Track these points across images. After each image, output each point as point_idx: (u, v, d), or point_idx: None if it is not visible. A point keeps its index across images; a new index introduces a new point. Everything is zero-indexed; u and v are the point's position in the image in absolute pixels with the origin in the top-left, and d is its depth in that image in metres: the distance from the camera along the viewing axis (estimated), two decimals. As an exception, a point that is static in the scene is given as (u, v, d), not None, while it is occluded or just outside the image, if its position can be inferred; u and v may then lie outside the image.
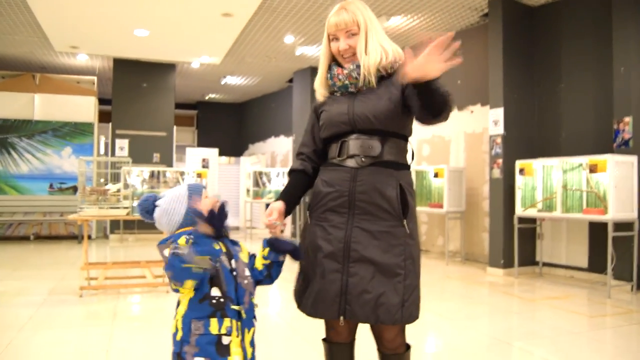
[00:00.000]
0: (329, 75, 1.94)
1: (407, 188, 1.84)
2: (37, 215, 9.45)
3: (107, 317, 4.17)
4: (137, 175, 9.95)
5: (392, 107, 1.83)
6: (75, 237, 9.58)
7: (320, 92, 1.97)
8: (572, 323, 4.20)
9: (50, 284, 5.42)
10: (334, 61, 1.96)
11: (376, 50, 1.85)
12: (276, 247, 1.77)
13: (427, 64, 1.58)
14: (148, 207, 1.77)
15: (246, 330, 1.66)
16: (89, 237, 9.55)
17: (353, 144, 1.85)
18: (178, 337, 1.63)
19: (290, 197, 1.94)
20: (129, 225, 9.88)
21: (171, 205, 1.75)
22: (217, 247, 1.63)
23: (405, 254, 1.77)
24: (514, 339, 3.80)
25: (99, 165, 7.92)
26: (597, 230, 5.86)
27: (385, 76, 1.89)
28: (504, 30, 6.46)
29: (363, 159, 1.82)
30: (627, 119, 5.43)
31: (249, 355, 1.66)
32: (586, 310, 4.70)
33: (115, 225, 9.87)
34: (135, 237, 9.95)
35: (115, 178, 5.71)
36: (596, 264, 5.93)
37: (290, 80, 11.61)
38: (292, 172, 2.04)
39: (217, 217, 1.59)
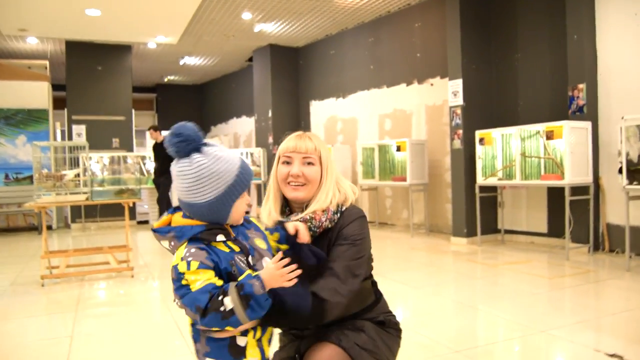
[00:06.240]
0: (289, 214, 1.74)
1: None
2: (-7, 207, 9.14)
3: (70, 305, 4.08)
4: (96, 162, 9.71)
5: None
6: (35, 229, 9.32)
7: (271, 219, 1.70)
8: (533, 285, 4.33)
9: (10, 276, 5.27)
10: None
11: (327, 198, 1.65)
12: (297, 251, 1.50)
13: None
14: (190, 138, 1.37)
15: (267, 329, 1.44)
16: (50, 228, 9.30)
17: None
18: (189, 333, 1.42)
19: None
20: (91, 213, 9.65)
21: (216, 176, 1.34)
22: (227, 250, 1.36)
23: None
24: (478, 303, 3.90)
25: (55, 150, 7.67)
26: (555, 196, 6.02)
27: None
28: (461, 2, 6.50)
29: None
30: (581, 86, 5.56)
31: (267, 354, 1.43)
32: (546, 272, 4.85)
33: (76, 214, 9.63)
34: (97, 226, 9.74)
35: (74, 163, 5.54)
36: (555, 229, 6.11)
37: (250, 59, 11.45)
38: None
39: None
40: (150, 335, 3.37)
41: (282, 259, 1.33)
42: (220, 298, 1.25)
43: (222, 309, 1.25)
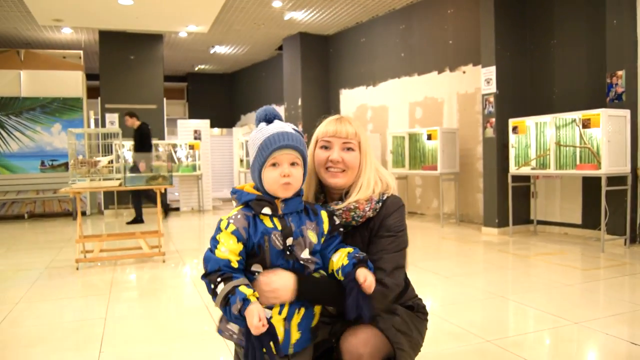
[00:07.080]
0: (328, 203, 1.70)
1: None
2: (30, 193, 9.39)
3: (103, 288, 4.17)
4: (128, 149, 9.88)
5: None
6: (70, 214, 9.56)
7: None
8: (566, 276, 4.24)
9: (46, 259, 5.42)
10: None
11: (369, 186, 1.64)
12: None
13: None
14: (258, 116, 1.49)
15: (296, 310, 1.43)
16: (84, 214, 9.53)
17: None
18: None
19: None
20: (124, 200, 9.84)
21: (251, 144, 1.48)
22: (271, 225, 1.41)
23: None
24: (509, 293, 3.83)
25: (89, 137, 7.83)
26: (590, 187, 5.87)
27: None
28: (495, -13, 6.35)
29: None
30: (620, 73, 5.38)
31: (293, 340, 1.44)
32: (580, 264, 4.74)
33: (109, 200, 9.83)
34: (129, 212, 9.91)
35: (107, 150, 5.64)
36: (590, 220, 5.95)
37: (280, 48, 11.45)
38: None
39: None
40: (181, 319, 3.42)
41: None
42: (218, 280, 1.34)
43: (212, 286, 1.34)
